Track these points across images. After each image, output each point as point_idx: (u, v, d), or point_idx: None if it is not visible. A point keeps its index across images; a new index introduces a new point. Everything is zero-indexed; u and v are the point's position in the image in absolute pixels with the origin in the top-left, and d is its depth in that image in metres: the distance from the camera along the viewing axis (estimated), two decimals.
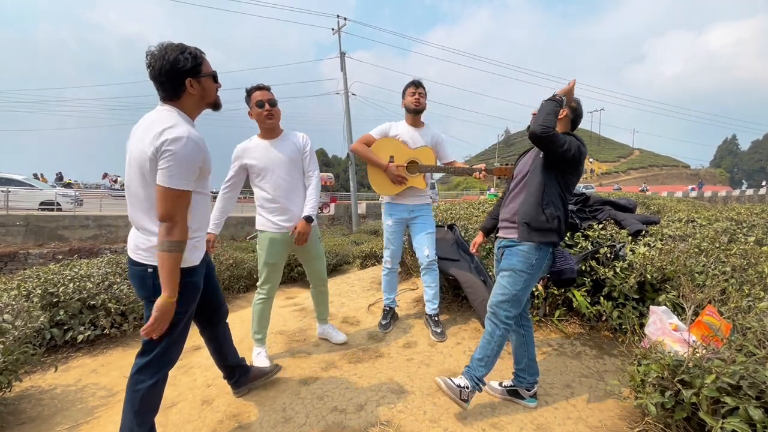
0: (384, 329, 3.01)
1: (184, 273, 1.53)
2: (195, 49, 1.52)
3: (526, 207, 1.91)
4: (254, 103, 2.33)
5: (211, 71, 1.58)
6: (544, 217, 1.86)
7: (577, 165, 1.91)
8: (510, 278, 1.92)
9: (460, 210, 4.74)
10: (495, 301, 1.96)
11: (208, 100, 1.61)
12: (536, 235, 1.87)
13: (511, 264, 1.93)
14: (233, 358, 2.09)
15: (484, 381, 1.98)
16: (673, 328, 1.98)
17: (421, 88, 2.86)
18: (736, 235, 3.28)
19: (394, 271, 3.07)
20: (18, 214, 12.84)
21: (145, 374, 1.54)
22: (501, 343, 1.94)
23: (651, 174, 55.17)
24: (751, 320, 1.81)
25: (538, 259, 1.90)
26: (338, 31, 19.99)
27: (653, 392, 1.68)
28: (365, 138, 2.89)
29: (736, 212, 4.18)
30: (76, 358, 3.02)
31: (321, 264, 2.68)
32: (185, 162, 1.40)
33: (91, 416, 2.25)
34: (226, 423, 1.97)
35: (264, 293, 2.52)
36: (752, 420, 1.38)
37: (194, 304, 1.64)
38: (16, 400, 2.40)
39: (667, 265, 2.49)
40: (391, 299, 3.12)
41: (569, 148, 1.82)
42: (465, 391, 1.90)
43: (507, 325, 1.93)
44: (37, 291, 3.09)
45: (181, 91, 1.51)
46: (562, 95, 1.90)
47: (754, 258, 2.59)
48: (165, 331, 1.49)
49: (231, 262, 5.37)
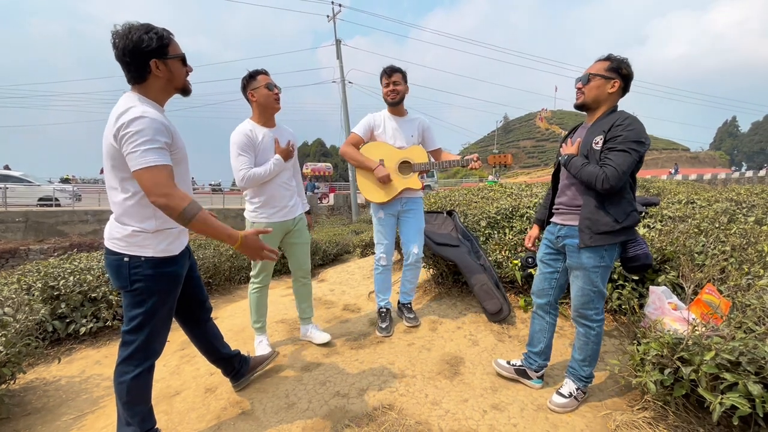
0: (386, 332, 2.74)
1: (167, 262, 1.52)
2: (162, 30, 1.46)
3: (588, 209, 1.74)
4: (263, 85, 2.26)
5: (179, 53, 1.51)
6: (610, 218, 1.69)
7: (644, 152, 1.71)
8: (585, 277, 1.79)
9: (459, 196, 4.73)
10: (578, 304, 1.84)
11: (177, 84, 1.54)
12: (600, 238, 1.70)
13: (581, 262, 1.78)
14: (225, 350, 2.04)
15: (593, 374, 1.93)
16: (673, 308, 1.99)
17: (395, 75, 2.60)
18: (735, 215, 3.28)
19: (388, 269, 2.86)
20: (17, 211, 12.83)
21: (128, 366, 1.53)
22: (598, 340, 1.86)
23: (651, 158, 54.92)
24: (751, 297, 1.81)
25: (607, 249, 1.75)
26: (333, 18, 19.67)
27: (652, 370, 1.69)
28: (352, 138, 2.72)
29: (735, 193, 4.16)
30: (79, 350, 3.04)
31: (306, 252, 2.59)
32: (148, 137, 1.35)
33: (96, 406, 2.27)
34: (229, 410, 1.99)
35: (258, 282, 2.52)
36: (751, 395, 1.40)
37: (175, 294, 1.62)
38: (21, 392, 2.42)
39: (666, 246, 2.49)
40: (386, 300, 2.89)
41: (637, 149, 1.64)
42: (578, 393, 1.90)
43: (600, 320, 1.85)
44: (38, 285, 3.09)
45: (147, 72, 1.45)
46: (568, 155, 1.80)
47: (754, 237, 2.58)
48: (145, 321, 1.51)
49: (231, 253, 5.37)
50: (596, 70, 1.77)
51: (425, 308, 3.14)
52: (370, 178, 2.68)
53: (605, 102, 1.78)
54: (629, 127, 1.65)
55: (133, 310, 1.52)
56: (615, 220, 1.68)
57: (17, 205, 13.84)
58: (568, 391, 1.91)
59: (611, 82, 1.74)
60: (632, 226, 1.74)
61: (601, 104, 1.79)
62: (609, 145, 1.68)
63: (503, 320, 2.77)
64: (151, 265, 1.49)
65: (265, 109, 2.32)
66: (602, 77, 1.75)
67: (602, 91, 1.76)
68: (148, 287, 1.50)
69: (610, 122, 1.71)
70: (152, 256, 1.49)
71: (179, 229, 1.58)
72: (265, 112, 2.33)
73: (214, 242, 5.86)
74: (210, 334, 1.98)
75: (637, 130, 1.64)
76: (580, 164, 1.73)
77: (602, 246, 1.73)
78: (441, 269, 3.46)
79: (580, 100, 1.83)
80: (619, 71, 1.73)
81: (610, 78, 1.74)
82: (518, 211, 3.64)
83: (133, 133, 1.33)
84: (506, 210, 3.66)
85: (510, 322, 2.78)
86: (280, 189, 2.40)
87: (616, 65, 1.74)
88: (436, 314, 3.00)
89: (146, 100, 1.47)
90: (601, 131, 1.72)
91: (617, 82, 1.74)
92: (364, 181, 2.72)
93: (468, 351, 2.47)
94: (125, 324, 1.54)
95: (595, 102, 1.79)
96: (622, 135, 1.64)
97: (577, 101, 1.85)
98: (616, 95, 1.78)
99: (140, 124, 1.34)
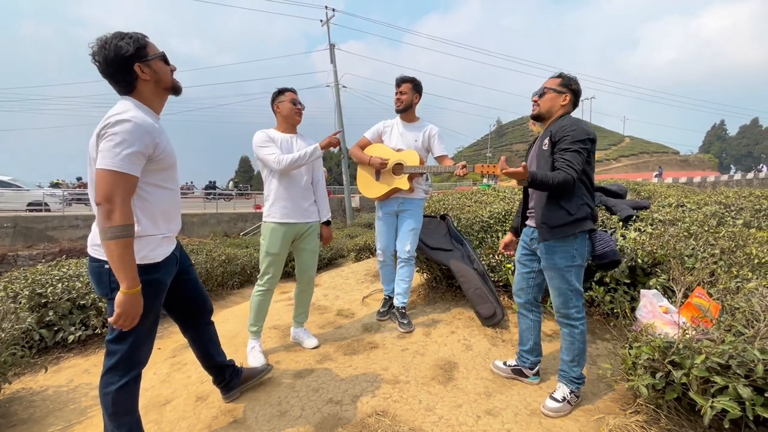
0: (381, 317, 3.04)
1: (148, 269, 1.47)
2: (135, 33, 1.47)
3: (541, 206, 1.88)
4: (289, 100, 2.51)
5: (159, 52, 1.52)
6: (563, 212, 1.81)
7: (593, 147, 1.86)
8: (559, 277, 1.88)
9: (453, 200, 4.74)
10: (558, 304, 1.93)
11: (165, 84, 1.55)
12: (557, 231, 1.82)
13: (554, 263, 1.88)
14: (220, 358, 2.02)
15: (584, 375, 1.96)
16: (664, 311, 2.00)
17: (403, 85, 2.87)
18: (724, 218, 3.32)
19: (388, 264, 3.09)
20: (5, 216, 12.62)
21: (113, 376, 1.49)
22: (584, 337, 1.92)
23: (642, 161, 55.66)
24: (740, 300, 1.83)
25: (577, 249, 1.85)
26: (327, 23, 19.73)
27: (644, 374, 1.70)
28: (360, 141, 3.07)
29: (724, 196, 4.22)
30: (67, 359, 2.98)
31: (314, 260, 2.66)
32: (125, 143, 1.33)
33: (85, 416, 2.22)
34: (221, 419, 1.96)
35: (262, 285, 2.50)
36: (741, 398, 1.41)
37: (159, 302, 1.58)
38: (6, 403, 2.36)
39: (657, 249, 2.51)
40: (390, 289, 3.14)
41: (585, 146, 1.77)
42: (572, 397, 1.92)
43: (581, 318, 1.91)
44: (25, 292, 3.03)
45: (134, 79, 1.46)
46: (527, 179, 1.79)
47: (743, 240, 2.62)
48: (129, 330, 1.43)
49: (224, 258, 5.33)
50: (550, 84, 1.97)
51: (419, 313, 3.14)
52: (366, 175, 2.98)
53: (558, 113, 1.96)
54: (573, 127, 1.80)
55: None
56: (568, 212, 1.81)
57: (6, 211, 13.62)
58: (561, 395, 1.93)
59: (563, 96, 1.94)
60: (585, 217, 1.83)
61: (554, 115, 1.97)
62: (561, 146, 1.81)
63: (497, 324, 2.78)
64: None
65: (287, 120, 2.54)
66: (555, 91, 1.94)
67: (555, 104, 1.95)
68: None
69: (556, 126, 1.88)
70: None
71: (161, 235, 1.54)
72: (286, 122, 2.55)
73: (206, 248, 5.82)
74: (207, 339, 1.96)
75: (580, 130, 1.80)
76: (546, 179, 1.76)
77: (570, 244, 1.84)
78: (434, 273, 3.46)
79: (535, 111, 2.02)
80: (570, 86, 1.94)
81: (561, 92, 1.94)
82: (511, 215, 3.66)
83: (114, 134, 1.33)
84: (499, 214, 3.68)
85: (503, 326, 2.79)
86: (295, 191, 2.49)
87: (566, 82, 1.95)
88: (429, 319, 3.00)
89: (141, 106, 1.47)
90: (549, 133, 1.89)
91: (568, 96, 1.94)
92: (361, 177, 3.01)
93: (462, 356, 2.47)
94: (109, 333, 1.50)
95: (549, 113, 1.98)
96: (570, 135, 1.79)
97: (534, 112, 2.03)
98: (568, 108, 1.96)
99: (123, 126, 1.34)
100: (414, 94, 2.89)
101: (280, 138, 2.50)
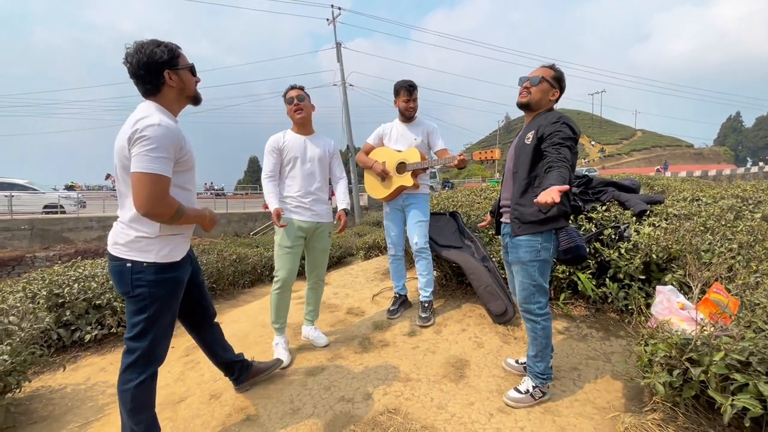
0: (391, 315, 3.03)
1: (168, 268, 1.54)
2: (170, 43, 1.55)
3: (515, 201, 1.88)
4: (286, 100, 2.54)
5: (189, 64, 1.61)
6: (535, 208, 1.77)
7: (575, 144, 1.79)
8: (523, 272, 1.89)
9: (462, 197, 4.71)
10: (521, 298, 1.93)
11: (188, 92, 1.63)
12: (528, 227, 1.83)
13: (518, 257, 1.89)
14: (228, 355, 2.08)
15: (551, 368, 1.97)
16: (680, 307, 1.96)
17: (415, 92, 2.95)
18: (742, 212, 3.24)
19: (399, 258, 3.13)
20: (23, 218, 12.93)
21: (132, 373, 1.54)
22: (547, 333, 1.92)
23: (654, 155, 54.55)
24: (760, 296, 1.78)
25: (542, 244, 1.84)
26: (333, 22, 19.73)
27: (661, 371, 1.66)
28: (364, 147, 3.17)
29: (741, 189, 4.12)
30: (84, 358, 3.04)
31: (324, 258, 2.70)
32: (159, 146, 1.40)
33: (102, 413, 2.26)
34: (234, 416, 1.98)
35: (278, 281, 2.52)
36: (762, 396, 1.37)
37: (177, 300, 1.64)
38: (26, 400, 2.42)
39: (672, 245, 2.46)
40: (400, 286, 3.18)
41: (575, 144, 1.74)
42: (536, 391, 1.92)
43: (544, 315, 1.90)
44: (43, 293, 3.10)
45: (161, 83, 1.53)
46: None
47: (761, 234, 2.55)
48: (148, 328, 1.53)
49: (235, 257, 5.38)
50: (546, 75, 1.90)
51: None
52: (372, 176, 3.08)
53: (545, 106, 1.92)
54: (564, 124, 1.76)
55: (135, 317, 1.53)
56: (539, 210, 1.75)
57: (23, 213, 13.95)
58: (525, 388, 1.94)
59: (554, 90, 1.90)
60: (558, 216, 1.80)
61: (542, 108, 1.92)
62: (554, 140, 1.74)
63: (508, 321, 2.75)
64: (153, 271, 1.51)
65: (292, 119, 2.58)
66: (549, 84, 1.89)
67: (545, 96, 1.90)
68: (150, 293, 1.51)
69: (544, 121, 1.82)
70: (154, 262, 1.51)
71: (181, 235, 1.61)
72: (293, 121, 2.59)
73: (217, 247, 5.88)
74: (211, 339, 2.01)
75: (570, 127, 1.76)
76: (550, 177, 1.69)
77: (536, 239, 1.83)
78: (445, 271, 3.45)
79: (525, 99, 1.92)
80: (560, 83, 1.91)
81: (554, 86, 1.90)
82: None
83: (147, 138, 1.39)
84: None
85: (515, 323, 2.76)
86: (304, 192, 2.51)
87: (559, 75, 1.90)
88: (440, 316, 2.98)
89: (163, 110, 1.54)
90: (536, 126, 1.84)
91: (557, 92, 1.91)
92: (368, 180, 3.12)
93: (473, 353, 2.45)
94: (128, 331, 1.56)
95: (537, 104, 1.91)
96: (562, 131, 1.74)
97: (523, 99, 1.93)
98: (554, 103, 1.93)
99: (156, 131, 1.40)
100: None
101: (291, 141, 2.53)
